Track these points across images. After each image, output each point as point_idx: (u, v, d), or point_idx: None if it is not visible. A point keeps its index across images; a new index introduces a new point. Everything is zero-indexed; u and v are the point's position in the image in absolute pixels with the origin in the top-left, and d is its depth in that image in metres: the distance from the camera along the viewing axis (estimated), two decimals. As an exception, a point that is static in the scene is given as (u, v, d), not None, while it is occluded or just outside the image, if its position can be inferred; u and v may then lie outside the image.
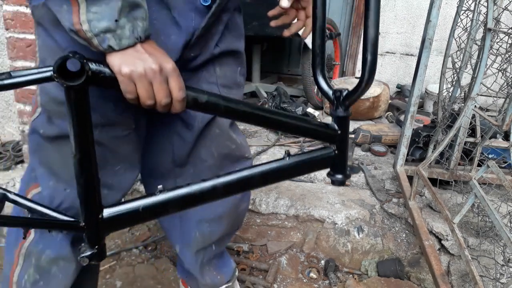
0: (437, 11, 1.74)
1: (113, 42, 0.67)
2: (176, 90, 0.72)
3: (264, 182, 0.86)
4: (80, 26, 0.66)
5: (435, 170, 1.88)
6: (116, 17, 0.66)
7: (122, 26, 0.67)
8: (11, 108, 2.05)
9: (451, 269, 1.72)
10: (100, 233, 0.77)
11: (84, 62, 0.63)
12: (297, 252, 1.81)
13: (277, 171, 0.85)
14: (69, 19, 0.67)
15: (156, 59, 0.70)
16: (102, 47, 0.68)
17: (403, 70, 3.58)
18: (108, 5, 0.66)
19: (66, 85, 0.62)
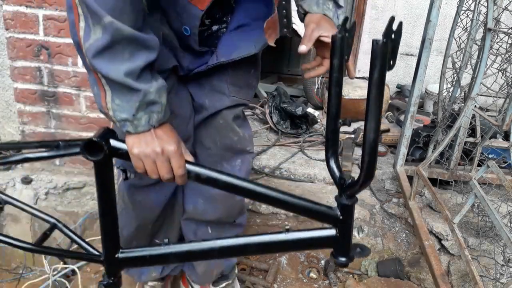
0: (437, 11, 1.74)
1: (130, 128, 0.82)
2: (176, 168, 0.85)
3: (259, 251, 0.90)
4: (107, 110, 0.83)
5: (435, 170, 1.88)
6: (134, 113, 0.81)
7: (139, 118, 0.82)
8: (11, 108, 2.05)
9: (451, 269, 1.72)
10: (116, 268, 0.92)
11: (102, 143, 0.79)
12: (297, 252, 1.81)
13: (274, 245, 0.87)
14: (99, 101, 0.83)
15: (161, 143, 0.83)
16: (122, 130, 0.83)
17: (403, 70, 3.58)
18: (128, 103, 0.80)
19: (89, 159, 0.80)
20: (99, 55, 0.77)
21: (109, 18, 0.74)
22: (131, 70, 0.78)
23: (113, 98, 0.81)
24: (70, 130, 1.90)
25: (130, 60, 0.78)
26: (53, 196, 1.91)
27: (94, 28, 0.75)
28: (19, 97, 1.85)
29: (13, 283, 1.75)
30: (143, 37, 0.79)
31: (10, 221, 1.90)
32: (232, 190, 0.86)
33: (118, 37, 0.76)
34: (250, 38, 1.08)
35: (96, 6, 0.73)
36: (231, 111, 1.19)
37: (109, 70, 0.77)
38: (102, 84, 0.81)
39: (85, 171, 1.97)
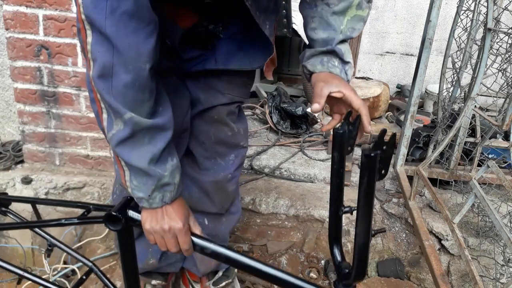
0: (437, 11, 1.74)
1: (146, 204, 0.90)
2: (182, 244, 0.93)
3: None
4: (127, 187, 0.91)
5: (435, 170, 1.88)
6: (149, 194, 0.89)
7: (154, 197, 0.90)
8: (11, 108, 2.05)
9: (451, 269, 1.72)
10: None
11: (120, 216, 0.89)
12: (297, 252, 1.81)
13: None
14: (119, 178, 0.92)
15: (169, 222, 0.91)
16: (139, 204, 0.91)
17: (403, 70, 3.58)
18: (145, 185, 0.88)
19: (111, 229, 0.90)
20: (121, 144, 0.84)
21: (128, 114, 0.80)
22: (153, 155, 0.86)
23: (131, 178, 0.88)
24: (70, 130, 1.90)
25: (150, 144, 0.85)
26: (53, 196, 1.91)
27: (116, 121, 0.82)
28: (19, 97, 1.85)
29: (13, 283, 1.75)
30: (159, 122, 0.86)
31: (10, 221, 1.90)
32: (235, 265, 0.91)
33: (138, 128, 0.82)
34: (248, 53, 1.11)
35: (116, 104, 0.79)
36: (226, 107, 1.21)
37: (131, 157, 0.85)
38: (122, 165, 0.88)
39: (85, 171, 1.98)
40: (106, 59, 0.76)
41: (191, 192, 1.32)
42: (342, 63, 0.98)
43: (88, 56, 0.78)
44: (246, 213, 1.91)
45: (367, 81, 2.96)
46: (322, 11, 0.96)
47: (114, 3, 0.72)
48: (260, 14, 1.01)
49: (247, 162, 2.16)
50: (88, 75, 0.82)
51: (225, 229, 1.42)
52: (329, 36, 0.96)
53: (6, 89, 2.02)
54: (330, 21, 0.96)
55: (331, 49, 0.96)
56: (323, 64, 0.98)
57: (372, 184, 0.69)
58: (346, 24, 0.96)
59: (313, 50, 0.99)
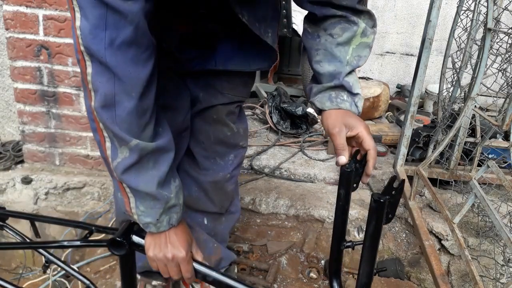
0: (437, 11, 1.74)
1: (153, 229, 0.90)
2: (184, 272, 0.93)
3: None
4: (132, 214, 0.89)
5: (435, 170, 1.88)
6: (158, 218, 0.88)
7: (161, 221, 0.89)
8: (11, 108, 2.05)
9: (451, 269, 1.72)
10: None
11: (124, 242, 0.89)
12: (297, 252, 1.81)
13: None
14: (123, 206, 0.90)
15: (172, 250, 0.91)
16: (145, 230, 0.91)
17: (403, 70, 3.58)
18: (152, 209, 0.87)
19: (114, 254, 0.90)
20: (127, 171, 0.83)
21: (134, 141, 0.80)
22: (160, 179, 0.86)
23: (137, 205, 0.87)
24: (70, 130, 1.90)
25: (155, 168, 0.86)
26: (53, 196, 1.91)
27: (120, 149, 0.82)
28: (19, 97, 1.85)
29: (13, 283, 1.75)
30: (162, 144, 0.86)
31: (10, 221, 1.90)
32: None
33: (144, 153, 0.83)
34: (248, 55, 1.11)
35: (122, 133, 0.79)
36: (225, 107, 1.20)
37: (138, 183, 0.85)
38: (126, 192, 0.87)
39: (85, 171, 1.97)
40: (108, 89, 0.76)
41: (190, 191, 1.32)
42: (351, 95, 0.96)
43: (88, 87, 0.78)
44: (246, 213, 1.91)
45: (367, 81, 2.96)
46: (326, 43, 0.95)
47: (113, 33, 0.71)
48: (260, 25, 1.01)
49: (247, 162, 2.16)
50: (89, 105, 0.81)
51: (224, 228, 1.43)
52: (336, 69, 0.94)
53: (6, 89, 2.02)
54: (335, 52, 0.94)
55: (339, 83, 0.94)
56: (332, 101, 0.95)
57: (379, 227, 0.73)
58: (351, 53, 0.94)
59: (320, 86, 0.96)
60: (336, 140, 0.91)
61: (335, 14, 0.92)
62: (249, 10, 0.96)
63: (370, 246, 0.75)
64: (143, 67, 0.77)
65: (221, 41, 1.10)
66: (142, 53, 0.76)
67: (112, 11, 0.70)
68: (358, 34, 0.93)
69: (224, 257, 1.45)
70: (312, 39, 0.97)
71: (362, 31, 0.93)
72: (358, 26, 0.92)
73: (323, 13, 0.93)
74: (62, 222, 1.34)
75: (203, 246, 1.39)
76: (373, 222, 0.72)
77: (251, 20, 0.98)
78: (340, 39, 0.93)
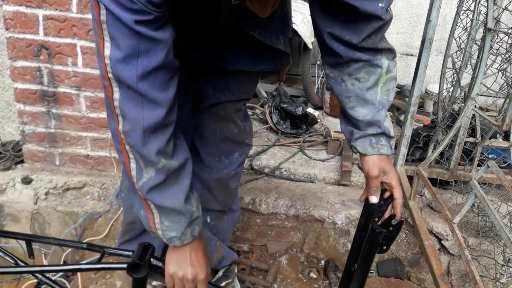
0: (437, 11, 1.74)
1: (177, 242, 0.92)
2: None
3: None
4: (156, 230, 0.91)
5: (435, 170, 1.88)
6: (182, 231, 0.91)
7: (185, 233, 0.91)
8: (11, 108, 2.05)
9: (451, 269, 1.72)
10: None
11: (145, 265, 0.89)
12: (297, 252, 1.81)
13: None
14: (147, 223, 0.91)
15: (193, 270, 0.92)
16: (169, 244, 0.93)
17: (403, 70, 3.58)
18: (178, 223, 0.90)
19: (134, 277, 0.91)
20: (152, 190, 0.85)
21: (161, 163, 0.83)
22: (185, 194, 0.89)
23: (161, 220, 0.89)
24: (70, 130, 1.90)
25: (177, 184, 0.88)
26: (53, 196, 1.91)
27: (146, 169, 0.84)
28: (19, 97, 1.85)
29: (13, 283, 1.75)
30: (182, 161, 0.89)
31: (10, 221, 1.90)
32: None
33: (170, 173, 0.86)
34: (256, 56, 1.12)
35: (151, 157, 0.82)
36: (234, 104, 1.21)
37: (164, 201, 0.87)
38: (151, 209, 0.89)
39: (85, 171, 1.97)
40: (137, 113, 0.78)
41: (195, 188, 1.32)
42: (388, 139, 1.02)
43: (115, 112, 0.80)
44: (246, 213, 1.91)
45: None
46: (355, 88, 0.98)
47: (145, 60, 0.74)
48: (271, 35, 1.03)
49: (247, 162, 2.16)
50: (115, 128, 0.82)
51: (226, 227, 1.43)
52: (370, 113, 0.98)
53: (6, 89, 2.02)
54: (367, 97, 0.98)
55: (381, 131, 0.99)
56: (373, 147, 1.00)
57: (371, 255, 0.79)
58: (380, 91, 0.99)
59: (362, 133, 1.00)
60: (373, 183, 0.99)
61: (359, 59, 0.94)
62: (260, 26, 0.99)
63: (361, 267, 0.81)
64: (170, 88, 0.81)
65: (232, 43, 1.11)
66: (169, 76, 0.80)
67: (145, 40, 0.72)
68: (383, 74, 0.97)
69: (225, 255, 1.45)
70: (338, 84, 1.00)
71: (386, 70, 0.98)
72: (382, 67, 0.96)
73: (349, 56, 0.94)
74: (62, 242, 1.33)
75: (206, 243, 1.39)
76: (367, 247, 0.79)
77: (263, 34, 1.00)
78: (368, 83, 0.97)
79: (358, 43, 0.91)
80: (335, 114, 2.92)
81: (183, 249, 0.93)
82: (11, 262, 1.05)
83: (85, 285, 1.65)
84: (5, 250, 1.07)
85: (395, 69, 1.00)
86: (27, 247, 1.09)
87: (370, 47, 0.92)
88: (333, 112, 2.92)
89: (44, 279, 1.02)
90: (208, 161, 1.28)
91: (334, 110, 2.90)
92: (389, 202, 0.97)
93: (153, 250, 0.93)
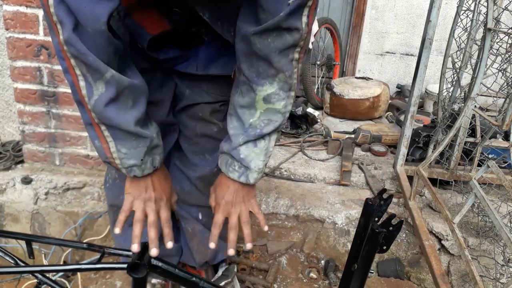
0: (437, 11, 1.74)
1: (137, 172, 0.89)
2: (162, 213, 0.94)
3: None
4: (113, 160, 0.87)
5: (435, 170, 1.88)
6: (142, 158, 0.87)
7: (145, 162, 0.88)
8: (11, 108, 2.05)
9: (451, 269, 1.72)
10: None
11: (146, 265, 0.86)
12: (297, 252, 1.81)
13: None
14: (103, 153, 0.87)
15: (156, 194, 0.92)
16: (129, 175, 0.89)
17: (403, 70, 3.58)
18: (136, 149, 0.86)
19: (134, 277, 0.88)
20: (106, 108, 0.80)
21: (110, 72, 0.78)
22: (138, 118, 0.84)
23: (118, 148, 0.86)
24: (70, 130, 1.90)
25: (134, 108, 0.84)
26: (53, 196, 1.91)
27: (95, 84, 0.79)
28: (19, 97, 1.85)
29: (13, 283, 1.75)
30: (138, 83, 0.85)
31: (10, 221, 1.90)
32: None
33: (121, 88, 0.80)
34: (230, 59, 1.09)
35: (96, 62, 0.76)
36: (210, 106, 1.21)
37: (120, 121, 0.82)
38: (105, 137, 0.85)
39: (85, 171, 1.97)
40: (73, 17, 0.73)
41: (183, 185, 1.33)
42: (242, 167, 0.96)
43: (53, 19, 0.74)
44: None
45: (367, 81, 2.96)
46: (236, 99, 0.95)
47: None
48: (223, 23, 0.98)
49: (247, 162, 2.16)
50: (57, 42, 0.76)
51: None
52: (237, 128, 0.94)
53: (6, 89, 2.02)
54: (239, 113, 0.94)
55: (230, 154, 0.97)
56: (226, 166, 0.99)
57: (371, 254, 0.80)
58: (258, 116, 0.92)
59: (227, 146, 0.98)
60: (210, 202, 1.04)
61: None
62: (210, 8, 0.95)
63: (361, 266, 0.82)
64: (99, 4, 0.73)
65: (204, 46, 1.10)
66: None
67: None
68: (258, 100, 0.90)
69: (220, 248, 1.44)
70: (236, 84, 0.97)
71: (263, 98, 0.89)
72: (256, 93, 0.89)
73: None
74: (62, 242, 1.27)
75: (199, 236, 1.39)
76: (367, 247, 0.80)
77: (212, 19, 0.96)
78: (243, 101, 0.92)
79: (251, 34, 0.83)
80: (335, 114, 2.92)
81: (145, 178, 0.90)
82: (11, 262, 1.04)
83: (85, 285, 1.65)
84: (5, 250, 1.06)
85: (282, 102, 0.89)
86: (27, 247, 1.08)
87: (262, 52, 0.83)
88: (333, 112, 2.92)
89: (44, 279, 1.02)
90: (193, 159, 1.29)
91: (334, 110, 2.90)
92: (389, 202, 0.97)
93: None
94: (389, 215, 0.81)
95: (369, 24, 3.45)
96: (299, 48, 0.85)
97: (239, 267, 1.68)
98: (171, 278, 0.93)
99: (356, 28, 3.48)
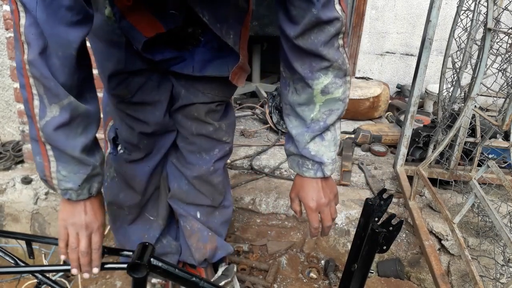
0: (437, 11, 1.74)
1: (72, 196, 0.88)
2: (94, 243, 0.91)
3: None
4: (51, 179, 0.86)
5: (435, 170, 1.88)
6: (80, 184, 0.86)
7: (82, 188, 0.88)
8: (11, 108, 2.05)
9: (451, 269, 1.72)
10: None
11: (146, 264, 0.87)
12: (297, 252, 1.81)
13: None
14: (42, 171, 0.86)
15: (88, 218, 0.90)
16: (63, 197, 0.88)
17: (403, 70, 3.58)
18: (75, 175, 0.86)
19: (134, 277, 0.90)
20: (56, 132, 0.81)
21: (68, 99, 0.79)
22: (86, 144, 0.85)
23: (58, 169, 0.85)
24: (70, 130, 1.90)
25: (83, 135, 0.85)
26: (53, 196, 1.91)
27: (50, 107, 0.79)
28: (19, 97, 1.85)
29: (13, 283, 1.75)
30: (93, 110, 0.86)
31: (10, 221, 1.90)
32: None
33: (75, 114, 0.82)
34: (226, 60, 1.11)
35: (58, 90, 0.77)
36: (205, 106, 1.21)
37: (66, 146, 0.83)
38: (48, 156, 0.84)
39: (85, 171, 1.97)
40: (41, 42, 0.74)
41: (180, 184, 1.34)
42: (315, 163, 0.97)
43: (21, 39, 0.75)
44: (246, 213, 1.91)
45: (367, 81, 2.96)
46: (292, 99, 0.95)
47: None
48: (222, 25, 1.00)
49: (247, 162, 2.16)
50: (20, 59, 0.77)
51: (218, 223, 1.43)
52: (299, 126, 0.95)
53: (6, 89, 2.02)
54: (298, 111, 0.94)
55: (299, 154, 0.97)
56: (299, 167, 1.01)
57: (371, 254, 0.81)
58: (318, 109, 0.92)
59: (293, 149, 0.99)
60: (292, 205, 1.07)
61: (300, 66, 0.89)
62: (209, 9, 0.96)
63: (361, 266, 0.82)
64: (71, 29, 0.75)
65: (201, 46, 1.10)
66: (72, 16, 0.74)
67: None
68: (316, 94, 0.90)
69: (219, 246, 1.44)
70: (284, 85, 0.97)
71: (321, 91, 0.90)
72: (313, 88, 0.90)
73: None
74: None
75: (198, 234, 1.40)
76: (367, 247, 0.80)
77: (212, 20, 0.97)
78: (300, 99, 0.93)
79: (294, 38, 0.84)
80: (335, 114, 2.91)
81: (78, 202, 0.90)
82: (11, 262, 1.04)
83: (85, 285, 1.65)
84: (5, 250, 1.07)
85: (340, 90, 0.91)
86: (27, 247, 1.08)
87: (309, 49, 0.85)
88: (333, 112, 2.92)
89: (44, 279, 1.02)
90: (190, 158, 1.30)
91: (334, 110, 2.90)
92: (389, 202, 0.97)
93: (153, 250, 0.92)
94: (389, 215, 0.81)
95: (369, 24, 3.45)
96: (342, 34, 0.86)
97: (239, 267, 1.68)
98: (171, 278, 0.93)
99: (356, 28, 3.48)
